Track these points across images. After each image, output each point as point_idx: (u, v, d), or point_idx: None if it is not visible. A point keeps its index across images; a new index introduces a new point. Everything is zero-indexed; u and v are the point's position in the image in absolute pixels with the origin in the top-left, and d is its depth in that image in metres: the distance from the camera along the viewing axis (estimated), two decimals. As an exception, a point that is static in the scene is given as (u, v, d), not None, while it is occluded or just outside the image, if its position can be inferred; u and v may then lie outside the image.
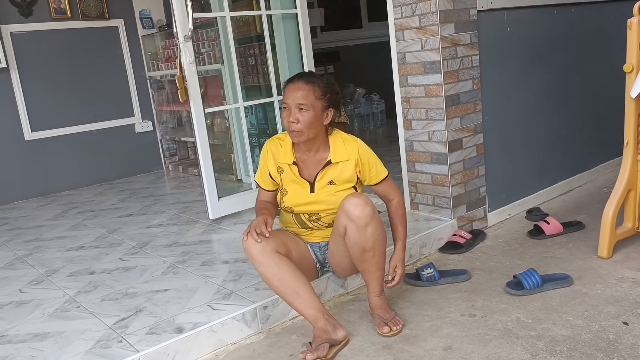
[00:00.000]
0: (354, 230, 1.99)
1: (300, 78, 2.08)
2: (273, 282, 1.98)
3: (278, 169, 2.19)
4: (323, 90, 2.05)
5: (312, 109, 2.02)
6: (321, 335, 1.92)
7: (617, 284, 2.26)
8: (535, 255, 2.63)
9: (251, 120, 4.02)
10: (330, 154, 2.14)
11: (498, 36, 2.96)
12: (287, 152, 2.16)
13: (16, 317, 2.26)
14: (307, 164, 2.17)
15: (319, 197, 2.14)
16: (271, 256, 1.96)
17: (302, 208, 2.17)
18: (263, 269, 1.97)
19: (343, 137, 2.17)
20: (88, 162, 4.78)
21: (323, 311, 1.98)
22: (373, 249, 2.02)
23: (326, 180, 2.14)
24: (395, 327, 2.03)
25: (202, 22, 4.05)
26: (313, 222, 2.19)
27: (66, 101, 4.64)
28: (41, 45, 4.50)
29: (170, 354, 1.92)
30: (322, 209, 2.15)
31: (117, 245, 3.06)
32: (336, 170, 2.13)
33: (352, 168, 2.13)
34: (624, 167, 2.51)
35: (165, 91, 5.06)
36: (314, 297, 1.99)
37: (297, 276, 1.98)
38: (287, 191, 2.17)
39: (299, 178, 2.15)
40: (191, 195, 4.06)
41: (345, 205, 2.00)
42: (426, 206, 2.97)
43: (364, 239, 2.00)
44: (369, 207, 1.98)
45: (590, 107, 3.58)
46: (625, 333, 1.89)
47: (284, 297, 2.00)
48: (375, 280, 2.09)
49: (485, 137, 2.95)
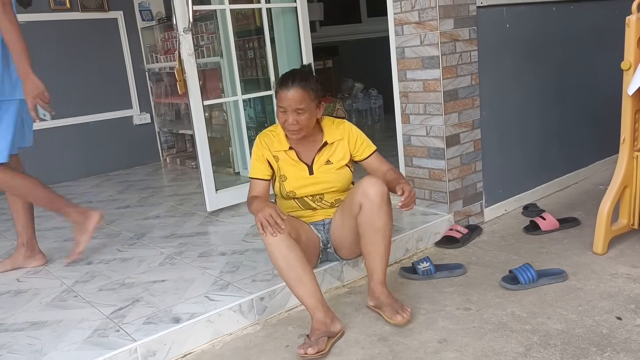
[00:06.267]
0: (368, 207, 2.06)
1: (294, 83, 2.10)
2: (280, 263, 2.00)
3: (274, 157, 2.25)
4: (314, 90, 2.15)
5: (309, 110, 2.12)
6: (320, 328, 1.94)
7: (611, 279, 2.27)
8: (530, 251, 2.64)
9: (249, 113, 4.03)
10: (325, 136, 2.26)
11: (497, 32, 2.96)
12: (281, 141, 2.25)
13: (14, 306, 2.27)
14: (302, 148, 2.26)
15: (318, 177, 2.24)
16: (283, 238, 1.99)
17: (303, 190, 2.24)
18: (273, 248, 2.00)
19: (332, 120, 2.32)
20: (86, 154, 4.77)
21: (323, 303, 2.00)
22: (383, 229, 2.08)
23: (323, 160, 2.26)
24: (406, 315, 2.03)
25: (201, 14, 4.04)
26: (317, 202, 2.28)
27: (64, 92, 4.61)
28: (40, 36, 4.47)
29: (167, 343, 1.93)
30: (323, 188, 2.25)
31: (115, 236, 3.07)
32: (332, 150, 2.26)
33: (346, 146, 2.27)
34: (620, 164, 2.52)
35: (163, 83, 5.06)
36: (316, 288, 2.01)
37: (303, 263, 2.01)
38: (287, 176, 2.24)
39: (298, 161, 2.25)
40: (189, 187, 4.06)
41: (363, 183, 2.10)
42: (423, 200, 2.98)
43: (376, 217, 2.06)
44: (385, 188, 2.09)
45: (588, 104, 3.59)
46: (618, 328, 1.91)
47: (288, 281, 2.02)
48: (379, 268, 2.13)
49: (482, 132, 2.96)
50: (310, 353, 1.84)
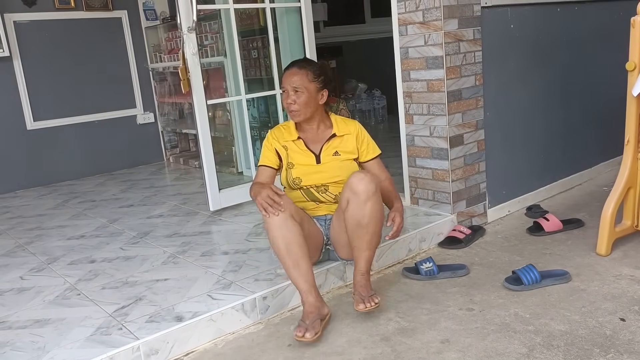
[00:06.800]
0: (354, 203, 2.08)
1: (294, 64, 2.29)
2: (279, 245, 2.03)
3: (284, 147, 2.34)
4: (316, 73, 2.25)
5: (306, 90, 2.22)
6: (314, 311, 2.03)
7: (615, 281, 2.27)
8: (534, 252, 2.64)
9: (253, 113, 4.02)
10: (333, 128, 2.34)
11: (501, 33, 2.96)
12: (291, 132, 2.34)
13: (17, 304, 2.28)
14: (311, 139, 2.34)
15: (324, 167, 2.30)
16: (286, 220, 2.03)
17: (309, 178, 2.29)
18: (274, 229, 2.03)
19: (340, 117, 2.41)
20: (89, 153, 4.78)
21: (315, 287, 2.08)
22: (368, 225, 2.09)
23: (331, 151, 2.32)
24: (369, 304, 2.06)
25: (205, 14, 4.04)
26: (321, 192, 2.31)
27: (68, 91, 4.64)
28: (44, 35, 4.50)
29: (169, 342, 1.93)
30: (328, 179, 2.29)
31: (118, 234, 3.07)
32: (340, 142, 2.33)
33: (354, 141, 2.34)
34: (624, 165, 2.51)
35: (167, 83, 5.07)
36: (311, 272, 2.08)
37: (302, 248, 2.05)
38: (294, 164, 2.31)
39: (306, 150, 2.32)
40: (192, 187, 4.07)
41: (351, 179, 2.12)
42: (426, 201, 2.98)
43: (361, 214, 2.08)
44: (373, 184, 2.09)
45: (592, 105, 3.58)
46: (622, 329, 1.91)
47: (285, 262, 2.06)
48: (363, 259, 2.16)
49: (486, 133, 2.96)
50: (308, 336, 1.93)
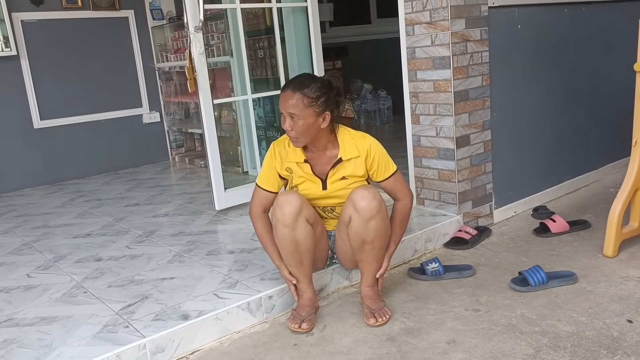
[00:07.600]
0: (357, 221, 2.03)
1: (289, 85, 2.04)
2: (288, 246, 2.04)
3: (287, 169, 2.17)
4: (314, 96, 2.00)
5: (302, 117, 2.00)
6: (310, 305, 2.12)
7: (622, 282, 2.26)
8: (540, 253, 2.63)
9: (259, 113, 4.03)
10: (340, 151, 2.13)
11: (508, 33, 2.95)
12: (296, 152, 2.14)
13: (24, 301, 2.29)
14: (317, 161, 2.16)
15: (331, 192, 2.16)
16: (300, 222, 2.02)
17: (315, 202, 2.19)
18: (288, 230, 2.02)
19: (351, 133, 2.16)
20: (95, 152, 4.80)
21: (312, 281, 2.16)
22: (373, 242, 2.07)
23: (338, 176, 2.15)
24: (381, 319, 2.06)
25: (212, 13, 4.05)
26: (327, 212, 2.24)
27: (75, 90, 4.66)
28: (51, 34, 4.51)
29: (175, 340, 1.94)
30: (335, 202, 2.19)
31: (124, 233, 3.08)
32: (348, 167, 2.14)
33: (362, 164, 2.14)
34: (631, 167, 2.50)
35: (173, 82, 5.08)
36: (312, 269, 2.15)
37: (311, 251, 2.08)
38: (299, 188, 2.17)
39: (312, 175, 2.15)
40: (197, 186, 4.07)
41: (353, 196, 2.04)
42: (432, 201, 2.97)
43: (365, 232, 2.04)
44: (376, 201, 2.01)
45: (599, 106, 3.57)
46: (629, 331, 1.90)
47: (290, 261, 2.08)
48: (369, 272, 2.15)
49: (493, 133, 2.95)
50: (304, 328, 2.04)
